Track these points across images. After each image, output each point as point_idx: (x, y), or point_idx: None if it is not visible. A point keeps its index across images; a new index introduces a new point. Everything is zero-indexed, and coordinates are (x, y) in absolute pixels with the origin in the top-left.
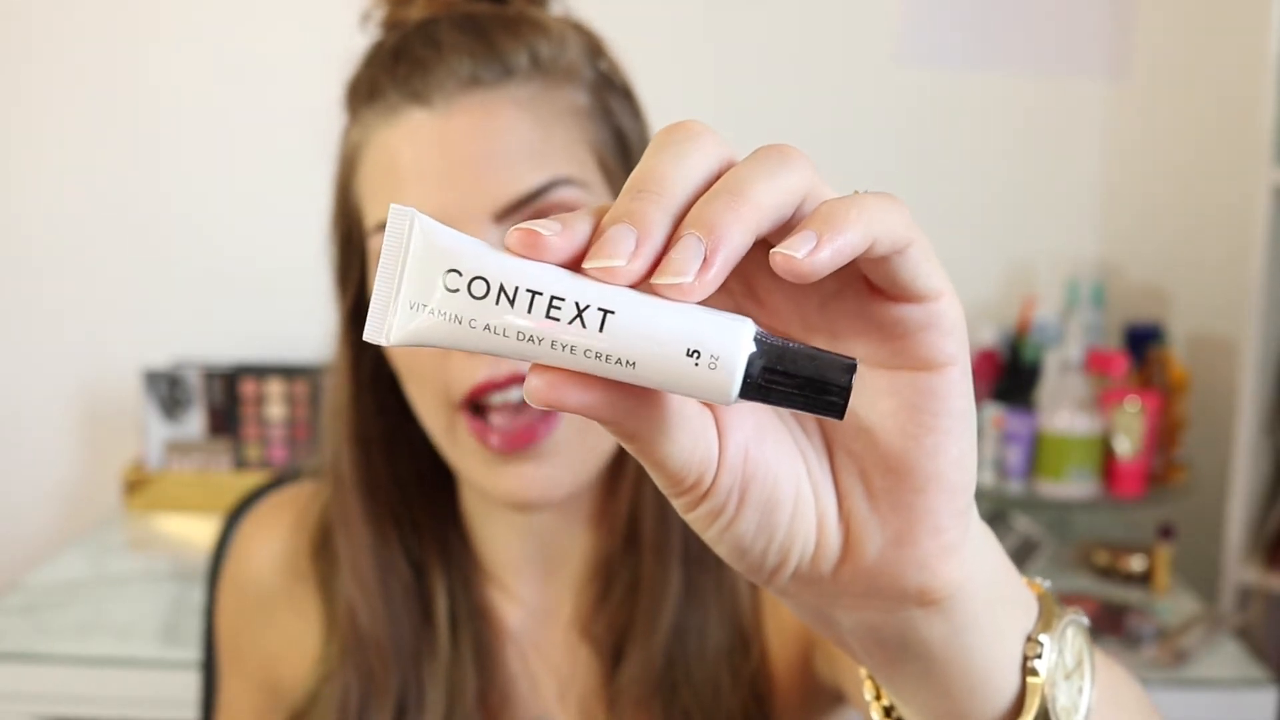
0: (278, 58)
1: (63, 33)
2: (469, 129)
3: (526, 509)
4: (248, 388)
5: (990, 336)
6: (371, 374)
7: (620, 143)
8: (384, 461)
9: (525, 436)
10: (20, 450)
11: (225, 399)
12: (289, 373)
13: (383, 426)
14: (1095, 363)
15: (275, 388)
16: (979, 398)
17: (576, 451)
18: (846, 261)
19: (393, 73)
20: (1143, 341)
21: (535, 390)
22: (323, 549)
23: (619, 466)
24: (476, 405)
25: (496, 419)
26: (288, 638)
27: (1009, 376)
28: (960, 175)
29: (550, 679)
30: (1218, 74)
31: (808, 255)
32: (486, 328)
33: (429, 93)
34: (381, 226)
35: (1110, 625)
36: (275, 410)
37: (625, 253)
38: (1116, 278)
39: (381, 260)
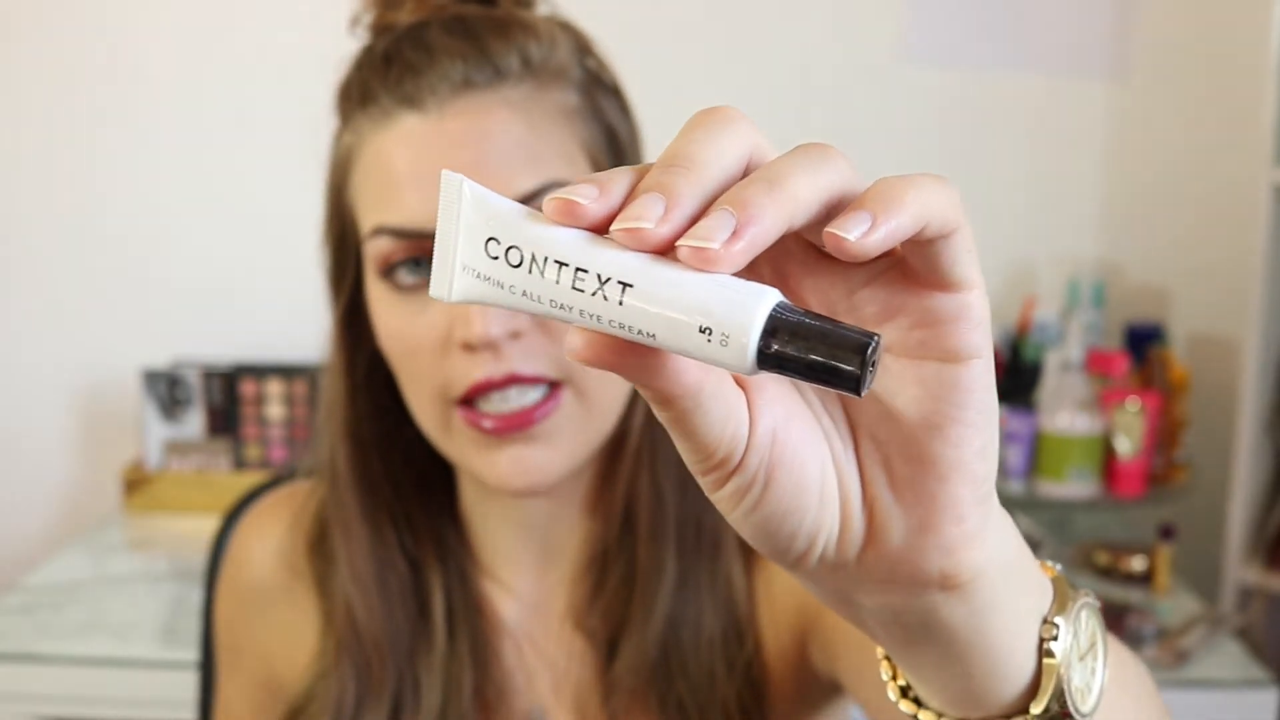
0: (276, 59)
1: (60, 31)
2: (462, 132)
3: (523, 493)
4: (247, 388)
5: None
6: (366, 374)
7: (612, 141)
8: (380, 460)
9: (522, 419)
10: (20, 450)
11: (224, 399)
12: (288, 373)
13: (378, 425)
14: (1095, 363)
15: (275, 388)
16: None
17: (572, 435)
18: (898, 244)
19: (384, 77)
20: (1143, 341)
21: (574, 349)
22: (319, 546)
23: (615, 456)
24: (472, 401)
25: (492, 408)
26: (285, 634)
27: (1009, 376)
28: (961, 175)
29: (546, 671)
30: (1218, 74)
31: (861, 237)
32: (524, 293)
33: (421, 97)
34: (377, 231)
35: (1111, 625)
36: (275, 410)
37: (653, 217)
38: (1116, 278)
39: (438, 224)
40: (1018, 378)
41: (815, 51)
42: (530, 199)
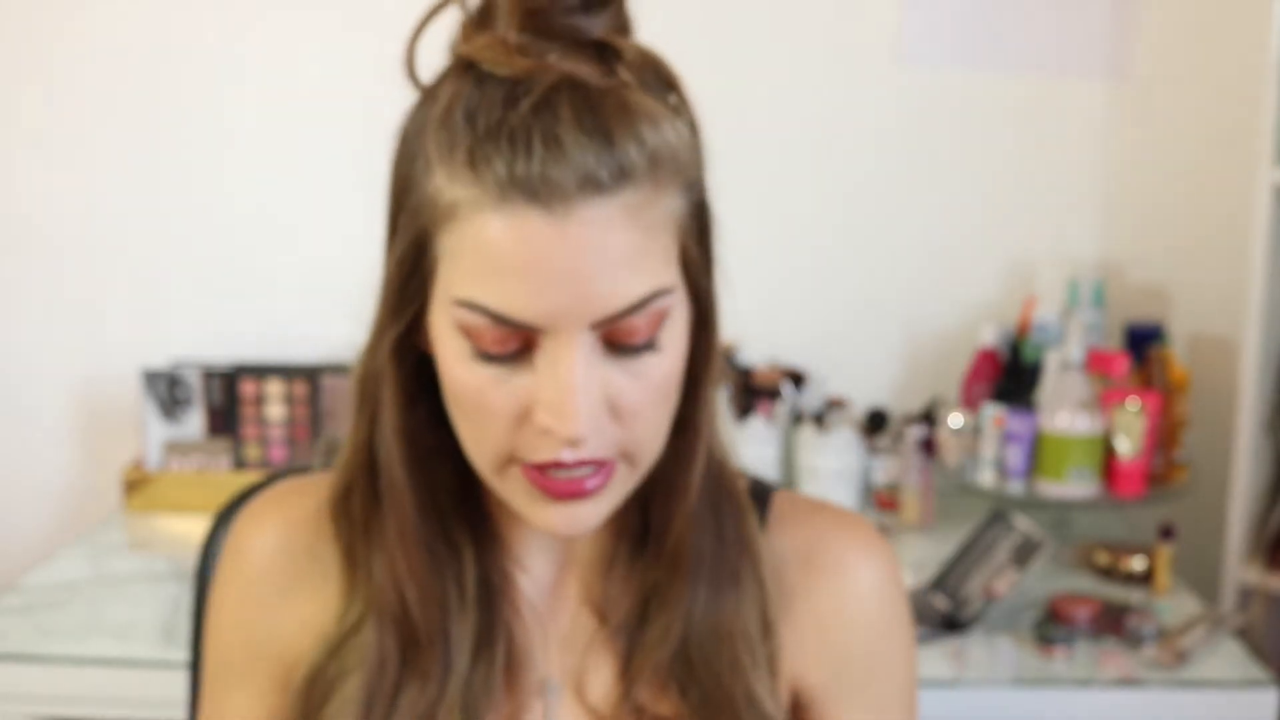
0: (278, 62)
1: (60, 31)
2: (585, 239)
3: (567, 539)
4: (247, 388)
5: (991, 336)
6: (415, 379)
7: (700, 216)
8: (428, 456)
9: (580, 490)
10: (20, 450)
11: (225, 399)
12: (288, 373)
13: (430, 431)
14: (1095, 363)
15: (275, 388)
16: (981, 398)
17: (620, 490)
18: None
19: (509, 157)
20: (1143, 341)
21: None
22: (342, 527)
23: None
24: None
25: (555, 475)
26: (303, 618)
27: (1009, 376)
28: (960, 175)
29: (561, 648)
30: (1218, 74)
31: None
32: None
33: (548, 196)
34: (473, 306)
35: (1110, 625)
36: (275, 410)
37: None
38: (1116, 278)
39: None
40: (1018, 378)
41: (815, 52)
42: (639, 307)
